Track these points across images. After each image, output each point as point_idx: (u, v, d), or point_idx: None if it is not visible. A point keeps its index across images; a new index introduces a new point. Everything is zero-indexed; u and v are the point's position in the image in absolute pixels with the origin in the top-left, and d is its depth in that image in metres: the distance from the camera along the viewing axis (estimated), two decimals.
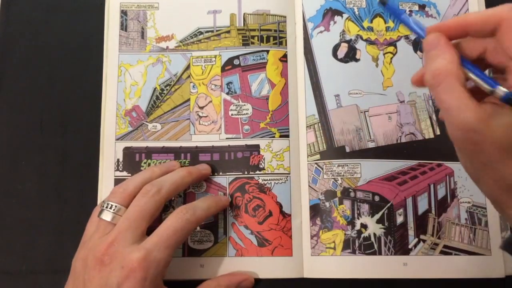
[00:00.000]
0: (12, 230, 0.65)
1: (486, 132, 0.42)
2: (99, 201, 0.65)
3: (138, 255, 0.51)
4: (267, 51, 0.68)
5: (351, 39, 0.68)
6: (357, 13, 0.68)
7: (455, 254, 0.62)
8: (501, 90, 0.43)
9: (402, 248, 0.62)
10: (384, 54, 0.67)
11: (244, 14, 0.69)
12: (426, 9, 0.68)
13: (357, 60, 0.67)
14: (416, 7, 0.68)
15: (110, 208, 0.56)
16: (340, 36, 0.68)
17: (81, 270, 0.53)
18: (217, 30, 0.69)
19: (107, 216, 0.56)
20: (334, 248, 0.62)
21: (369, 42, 0.68)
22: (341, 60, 0.67)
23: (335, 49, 0.67)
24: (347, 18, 0.68)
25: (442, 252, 0.62)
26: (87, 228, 0.58)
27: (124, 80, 0.68)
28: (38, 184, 0.66)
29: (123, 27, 0.69)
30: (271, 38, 0.68)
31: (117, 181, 0.65)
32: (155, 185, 0.57)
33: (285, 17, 0.69)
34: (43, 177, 0.66)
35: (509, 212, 0.45)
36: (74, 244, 0.59)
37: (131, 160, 0.66)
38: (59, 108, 0.68)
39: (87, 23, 0.71)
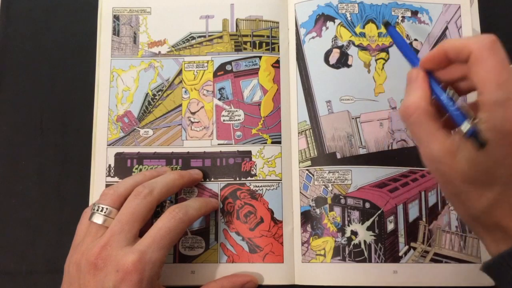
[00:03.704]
0: (12, 230, 0.66)
1: (451, 164, 0.45)
2: None
3: (133, 257, 0.51)
4: (260, 57, 0.68)
5: (343, 45, 0.68)
6: (349, 18, 0.68)
7: (446, 262, 0.62)
8: (465, 126, 0.45)
9: (392, 256, 0.62)
10: (376, 60, 0.67)
11: (236, 19, 0.69)
12: (419, 15, 0.68)
13: (349, 66, 0.67)
14: (409, 13, 0.68)
15: (101, 210, 0.56)
16: (332, 41, 0.68)
17: (75, 274, 0.53)
18: (209, 35, 0.69)
19: (98, 219, 0.55)
20: (324, 255, 0.62)
21: (361, 48, 0.68)
22: (332, 66, 0.67)
23: (327, 55, 0.67)
24: (339, 24, 0.68)
25: (433, 260, 0.62)
26: (78, 232, 0.58)
27: (116, 86, 0.68)
28: (38, 184, 0.67)
29: (116, 32, 0.69)
30: (264, 44, 0.68)
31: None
32: (146, 187, 0.57)
33: (277, 22, 0.69)
34: (43, 177, 0.67)
35: (481, 238, 0.48)
36: None
37: (123, 166, 0.66)
38: (59, 108, 0.69)
39: (87, 23, 0.71)
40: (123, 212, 0.55)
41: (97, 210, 0.56)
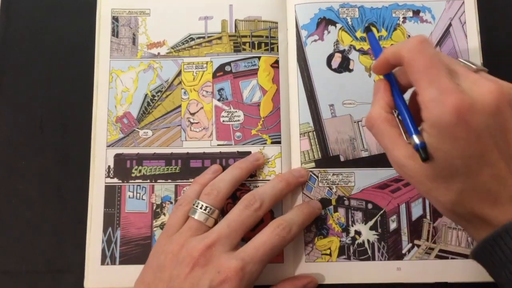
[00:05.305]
0: (12, 230, 0.65)
1: (414, 166, 0.48)
2: (89, 208, 0.64)
3: (236, 264, 0.52)
4: (259, 58, 0.68)
5: (344, 49, 0.68)
6: (350, 23, 0.68)
7: (452, 258, 0.62)
8: (414, 139, 0.47)
9: (395, 253, 0.62)
10: None
11: (235, 20, 0.69)
12: (421, 14, 0.68)
13: (350, 70, 0.67)
14: (410, 14, 0.68)
15: (204, 209, 0.57)
16: (334, 46, 0.68)
17: (170, 263, 0.54)
18: (208, 37, 0.69)
19: (200, 216, 0.57)
20: (330, 255, 0.62)
21: (362, 52, 0.68)
22: (335, 70, 0.67)
23: (329, 59, 0.67)
24: (340, 28, 0.68)
25: (438, 256, 0.62)
26: (172, 222, 0.58)
27: (115, 87, 0.67)
28: (38, 184, 0.66)
29: (115, 33, 0.69)
30: (263, 44, 0.68)
31: (108, 188, 0.65)
32: (257, 200, 0.58)
33: (276, 23, 0.69)
34: (43, 177, 0.66)
35: (464, 229, 0.51)
36: (74, 244, 0.61)
37: (122, 167, 0.65)
38: (59, 108, 0.68)
39: (87, 23, 0.70)
40: (233, 219, 0.56)
41: (199, 207, 0.57)
